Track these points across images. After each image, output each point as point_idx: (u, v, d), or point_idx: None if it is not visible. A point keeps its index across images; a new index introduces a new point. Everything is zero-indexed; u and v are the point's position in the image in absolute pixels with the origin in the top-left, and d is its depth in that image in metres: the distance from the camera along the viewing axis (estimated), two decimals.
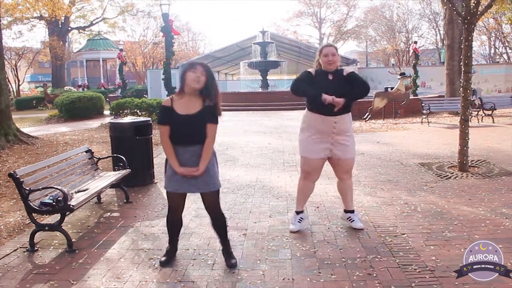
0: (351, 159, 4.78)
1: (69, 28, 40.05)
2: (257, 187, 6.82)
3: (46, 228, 4.50)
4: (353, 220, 4.86)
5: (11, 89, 37.93)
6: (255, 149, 10.28)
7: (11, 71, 36.43)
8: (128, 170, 6.14)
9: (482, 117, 14.97)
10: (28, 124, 18.86)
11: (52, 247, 4.57)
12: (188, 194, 4.05)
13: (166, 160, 3.89)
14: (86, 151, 6.15)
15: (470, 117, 7.59)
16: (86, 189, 5.14)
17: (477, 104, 15.23)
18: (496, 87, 28.26)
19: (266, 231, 4.84)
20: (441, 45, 47.17)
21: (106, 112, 19.98)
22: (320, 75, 4.54)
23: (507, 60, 40.73)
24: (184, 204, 4.09)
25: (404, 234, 4.61)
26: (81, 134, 13.79)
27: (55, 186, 4.53)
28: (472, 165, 7.73)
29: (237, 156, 9.44)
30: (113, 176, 5.89)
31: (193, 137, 3.74)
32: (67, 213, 4.53)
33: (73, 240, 4.66)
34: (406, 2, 64.57)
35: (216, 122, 3.80)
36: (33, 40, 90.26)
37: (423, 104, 14.88)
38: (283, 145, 10.81)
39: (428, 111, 14.53)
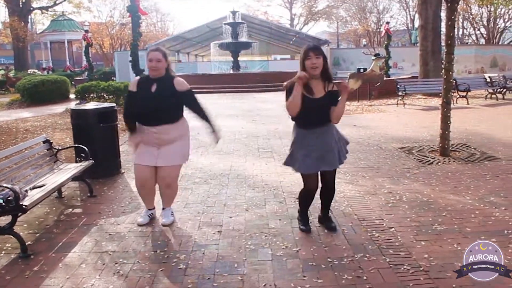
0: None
1: (31, 8, 38.36)
2: (232, 176, 6.41)
3: None
4: (162, 216, 4.67)
5: None
6: (228, 134, 9.83)
7: None
8: (91, 162, 5.63)
9: (457, 98, 14.85)
10: None
11: (3, 252, 4.06)
12: None
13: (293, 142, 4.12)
14: (44, 142, 5.60)
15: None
16: (43, 185, 4.62)
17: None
18: (466, 68, 28.35)
19: (243, 227, 4.44)
20: (411, 26, 47.40)
21: (72, 96, 19.11)
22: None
23: (475, 41, 41.10)
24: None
25: (392, 228, 4.28)
26: (44, 120, 13.04)
27: (3, 185, 4.01)
28: (452, 149, 7.50)
29: (209, 142, 8.96)
30: (74, 168, 5.37)
31: (322, 116, 3.98)
32: (19, 214, 4.01)
33: (28, 243, 4.17)
34: None
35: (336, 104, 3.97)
36: None
37: (398, 86, 14.66)
38: (257, 129, 10.40)
39: (404, 92, 14.31)
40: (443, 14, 18.98)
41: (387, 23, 25.94)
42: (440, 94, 7.57)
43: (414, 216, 4.59)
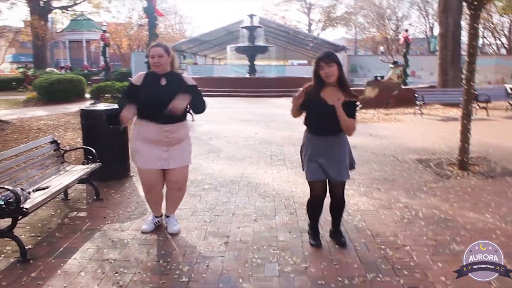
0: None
1: (52, 8, 38.69)
2: (242, 183, 6.23)
3: None
4: (168, 224, 4.52)
5: None
6: (241, 139, 9.68)
7: None
8: (98, 164, 5.50)
9: (476, 110, 14.48)
10: (4, 107, 18.00)
11: (3, 255, 3.94)
12: None
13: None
14: (51, 142, 5.49)
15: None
16: (47, 187, 4.49)
17: None
18: (486, 78, 27.87)
19: (250, 239, 4.26)
20: (430, 34, 46.88)
21: (88, 95, 19.15)
22: None
23: (496, 51, 40.48)
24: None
25: (406, 246, 4.07)
26: (58, 119, 13.02)
27: (4, 186, 3.88)
28: (472, 162, 7.22)
29: (221, 147, 8.83)
30: (80, 170, 5.25)
31: (333, 124, 3.80)
32: (19, 218, 3.88)
33: (29, 246, 4.06)
34: None
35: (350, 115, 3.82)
36: (15, 19, 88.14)
37: (416, 95, 14.35)
38: (271, 135, 10.22)
39: (422, 102, 14.01)
40: (463, 23, 18.68)
41: (406, 30, 25.62)
42: (460, 105, 7.31)
43: (431, 234, 4.36)
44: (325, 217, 4.33)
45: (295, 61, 49.21)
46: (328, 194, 4.03)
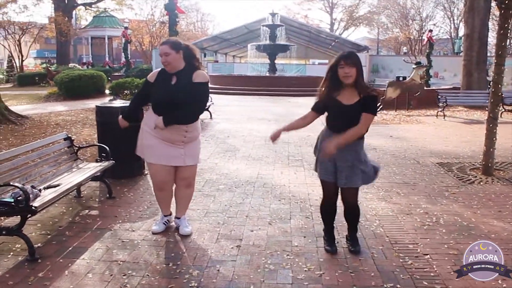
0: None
1: (75, 4, 39.13)
2: (257, 184, 6.10)
3: (4, 232, 3.80)
4: (179, 225, 4.40)
5: (14, 65, 37.31)
6: (258, 139, 9.54)
7: (15, 46, 35.57)
8: (111, 162, 5.43)
9: (502, 112, 14.08)
10: (25, 102, 18.22)
11: (12, 253, 3.87)
12: None
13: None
14: (65, 139, 5.43)
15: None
16: (58, 185, 4.43)
17: None
18: (509, 80, 27.19)
19: (264, 243, 4.12)
20: (454, 35, 46.05)
21: (108, 91, 19.25)
22: None
23: None
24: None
25: (427, 255, 3.88)
26: (76, 115, 13.07)
27: (13, 184, 3.82)
28: (496, 168, 6.96)
29: (238, 146, 8.71)
30: (93, 168, 5.18)
31: (350, 124, 3.61)
32: (28, 216, 3.81)
33: (38, 245, 4.00)
34: None
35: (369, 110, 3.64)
36: (39, 15, 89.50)
37: (439, 97, 14.01)
38: (289, 136, 10.01)
39: (444, 104, 13.67)
40: (490, 24, 18.20)
41: (430, 31, 25.20)
42: (487, 108, 7.05)
43: (452, 242, 4.16)
44: (342, 221, 4.16)
45: (316, 61, 48.90)
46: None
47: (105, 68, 33.04)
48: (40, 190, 4.17)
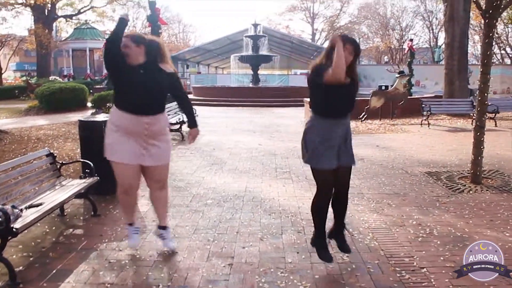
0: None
1: (56, 16, 38.70)
2: (246, 198, 5.97)
3: None
4: (165, 238, 4.21)
5: None
6: (244, 151, 9.43)
7: None
8: (95, 178, 5.26)
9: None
10: (5, 116, 17.83)
11: None
12: None
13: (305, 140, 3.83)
14: (47, 155, 5.24)
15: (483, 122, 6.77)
16: (40, 204, 4.25)
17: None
18: (492, 88, 27.50)
19: (256, 260, 3.99)
20: (434, 44, 46.68)
21: (90, 104, 18.95)
22: None
23: (500, 61, 40.19)
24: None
25: (423, 268, 3.79)
26: (58, 129, 12.81)
27: None
28: (484, 176, 6.95)
29: (224, 159, 8.58)
30: (77, 185, 5.00)
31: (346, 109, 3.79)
32: (9, 238, 3.63)
33: (19, 268, 3.81)
34: None
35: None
36: (19, 27, 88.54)
37: (423, 105, 14.09)
38: (275, 147, 9.97)
39: (428, 112, 13.75)
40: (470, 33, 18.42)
41: (411, 40, 25.45)
42: (473, 114, 7.06)
43: (448, 254, 4.09)
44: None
45: (298, 71, 49.12)
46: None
47: (86, 80, 32.70)
48: (21, 210, 3.99)
